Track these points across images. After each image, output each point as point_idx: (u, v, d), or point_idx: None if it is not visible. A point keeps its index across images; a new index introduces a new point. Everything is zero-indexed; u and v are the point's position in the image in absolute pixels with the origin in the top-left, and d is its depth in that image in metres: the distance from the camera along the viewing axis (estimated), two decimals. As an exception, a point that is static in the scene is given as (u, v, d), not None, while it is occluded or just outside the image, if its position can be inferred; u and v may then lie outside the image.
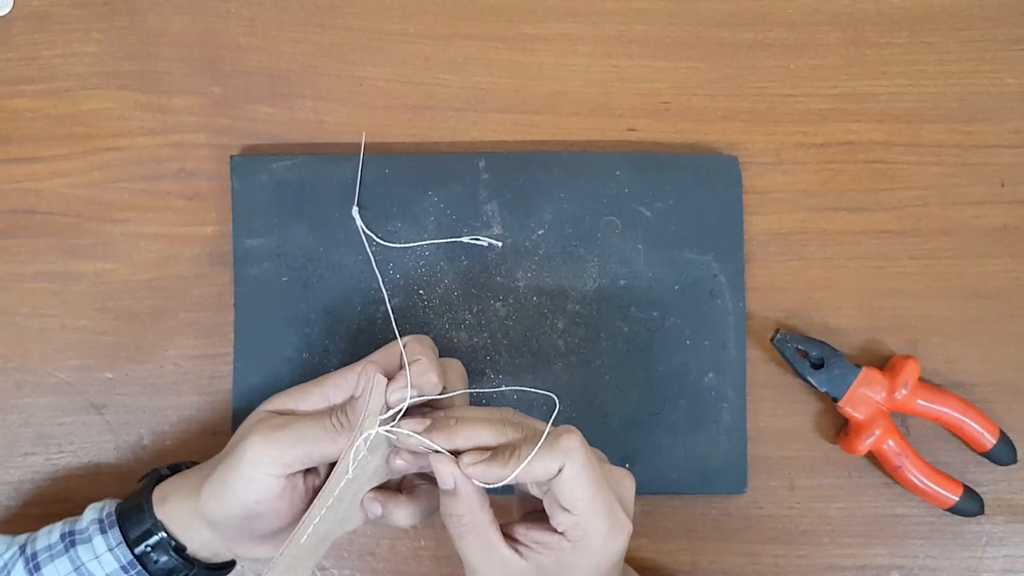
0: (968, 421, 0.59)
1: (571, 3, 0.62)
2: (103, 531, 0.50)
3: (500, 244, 0.59)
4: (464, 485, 0.45)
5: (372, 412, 0.46)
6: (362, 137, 0.61)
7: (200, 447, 0.59)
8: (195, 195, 0.61)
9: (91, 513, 0.51)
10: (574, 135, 0.62)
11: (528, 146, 0.62)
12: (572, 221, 0.60)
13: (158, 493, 0.51)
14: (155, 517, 0.50)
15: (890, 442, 0.58)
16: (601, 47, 0.62)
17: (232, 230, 0.59)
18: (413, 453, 0.47)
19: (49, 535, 0.51)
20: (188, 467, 0.54)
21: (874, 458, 0.60)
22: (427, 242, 0.59)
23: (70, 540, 0.50)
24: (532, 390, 0.51)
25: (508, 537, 0.46)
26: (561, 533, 0.45)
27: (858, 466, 0.61)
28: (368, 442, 0.46)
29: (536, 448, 0.44)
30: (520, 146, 0.62)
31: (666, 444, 0.59)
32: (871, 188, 0.62)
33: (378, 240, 0.59)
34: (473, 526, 0.46)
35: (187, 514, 0.50)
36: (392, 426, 0.46)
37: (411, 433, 0.46)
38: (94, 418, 0.60)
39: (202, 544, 0.50)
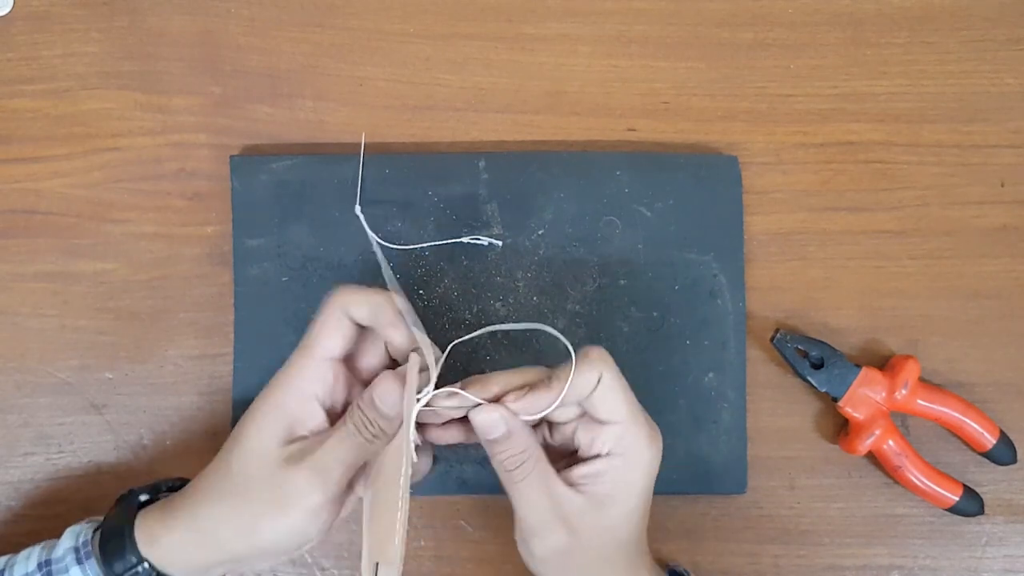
0: (968, 421, 0.59)
1: (571, 3, 0.62)
2: (79, 561, 0.48)
3: (500, 244, 0.59)
4: (514, 423, 0.46)
5: (411, 397, 0.47)
6: (362, 139, 0.61)
7: (200, 447, 0.59)
8: (195, 195, 0.61)
9: (68, 540, 0.49)
10: (574, 135, 0.62)
11: (528, 146, 0.62)
12: (572, 221, 0.60)
13: (144, 531, 0.48)
14: (139, 553, 0.48)
15: (890, 442, 0.58)
16: (601, 47, 0.62)
17: (232, 230, 0.59)
18: (442, 426, 0.48)
19: (27, 562, 0.49)
20: (168, 487, 0.52)
21: (874, 458, 0.60)
22: (427, 244, 0.59)
23: (47, 571, 0.48)
24: (548, 329, 0.49)
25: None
26: (607, 455, 0.46)
27: (858, 466, 0.61)
28: (412, 423, 0.46)
29: (573, 365, 0.45)
30: (520, 146, 0.62)
31: (666, 444, 0.58)
32: (871, 188, 0.62)
33: (379, 241, 0.59)
34: (533, 463, 0.46)
35: (190, 555, 0.48)
36: (429, 398, 0.46)
37: (456, 390, 0.46)
38: (94, 418, 0.60)
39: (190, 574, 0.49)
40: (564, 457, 0.50)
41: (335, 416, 0.49)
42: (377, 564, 0.46)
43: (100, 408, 0.60)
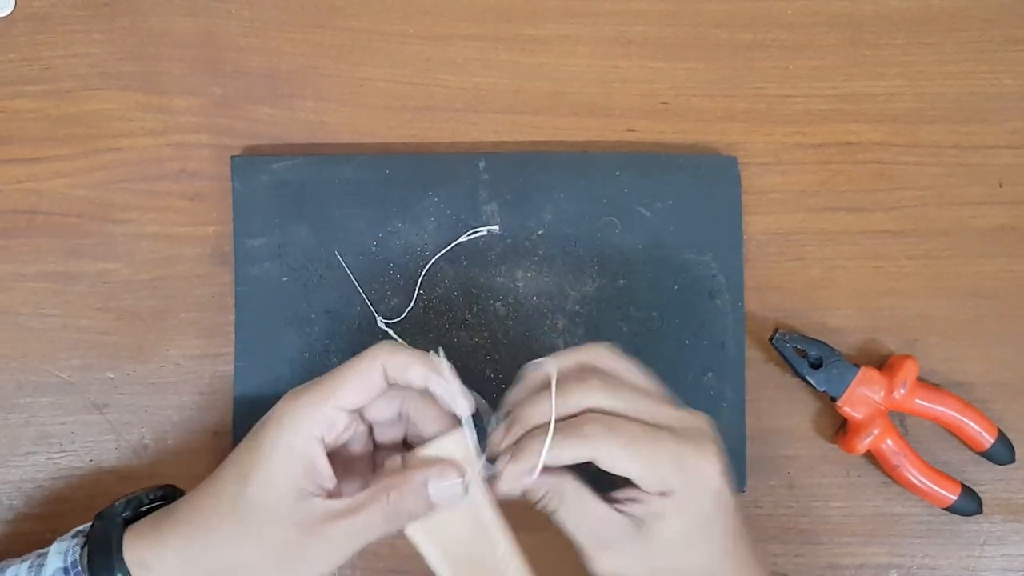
0: (966, 420, 0.59)
1: (571, 4, 0.63)
2: None
3: (498, 227, 0.59)
4: (525, 480, 0.45)
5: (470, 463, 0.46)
6: (342, 261, 0.61)
7: (202, 447, 0.60)
8: (196, 195, 0.61)
9: (56, 560, 0.48)
10: (574, 135, 0.62)
11: (528, 146, 0.62)
12: (572, 221, 0.60)
13: (134, 555, 0.47)
14: None
15: (888, 441, 0.58)
16: (600, 48, 0.62)
17: (233, 230, 0.59)
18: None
19: None
20: (150, 498, 0.51)
21: (872, 457, 0.60)
22: (426, 273, 0.59)
23: None
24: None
25: (606, 498, 0.46)
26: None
27: (856, 465, 0.61)
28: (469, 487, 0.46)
29: (550, 434, 0.44)
30: (520, 146, 0.62)
31: (665, 443, 0.59)
32: (869, 188, 0.62)
33: (387, 320, 0.59)
34: (560, 497, 0.45)
35: None
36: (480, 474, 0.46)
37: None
38: (95, 417, 0.60)
39: None
40: None
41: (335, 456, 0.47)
42: None
43: (101, 407, 0.60)
